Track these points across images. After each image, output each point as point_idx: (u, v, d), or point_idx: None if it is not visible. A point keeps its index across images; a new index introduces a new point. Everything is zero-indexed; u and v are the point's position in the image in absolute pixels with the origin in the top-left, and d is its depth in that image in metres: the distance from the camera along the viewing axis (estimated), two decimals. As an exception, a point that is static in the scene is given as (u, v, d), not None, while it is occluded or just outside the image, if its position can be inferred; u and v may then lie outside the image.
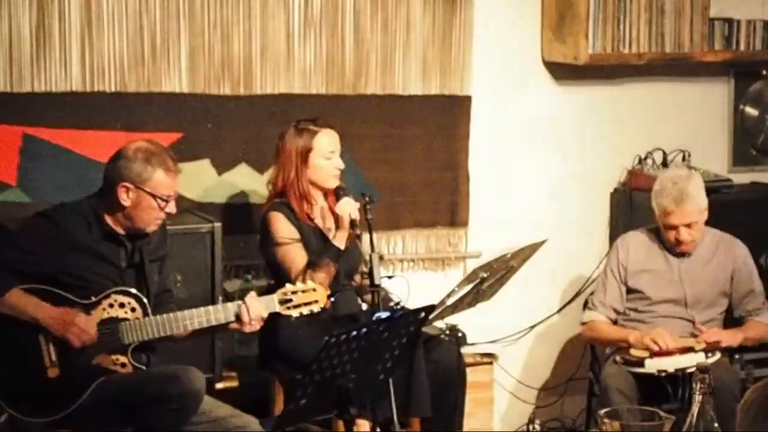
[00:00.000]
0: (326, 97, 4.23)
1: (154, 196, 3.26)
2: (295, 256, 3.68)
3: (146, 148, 3.31)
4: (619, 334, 4.01)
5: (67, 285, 3.23)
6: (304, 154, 3.74)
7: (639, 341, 3.89)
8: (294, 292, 3.28)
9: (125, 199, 3.27)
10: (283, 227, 3.70)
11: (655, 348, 3.82)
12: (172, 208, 3.30)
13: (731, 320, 4.14)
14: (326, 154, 3.75)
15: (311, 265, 3.63)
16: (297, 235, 3.71)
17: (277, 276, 3.72)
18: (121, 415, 3.22)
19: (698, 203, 3.97)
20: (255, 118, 4.16)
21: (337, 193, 3.72)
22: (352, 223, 3.63)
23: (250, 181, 4.18)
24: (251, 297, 3.28)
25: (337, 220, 3.68)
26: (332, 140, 3.77)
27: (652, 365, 3.78)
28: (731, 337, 3.98)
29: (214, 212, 4.05)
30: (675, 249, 4.03)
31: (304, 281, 3.52)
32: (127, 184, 3.27)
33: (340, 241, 3.66)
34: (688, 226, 3.96)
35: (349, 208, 3.65)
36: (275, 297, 3.27)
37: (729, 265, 4.09)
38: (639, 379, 3.82)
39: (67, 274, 3.24)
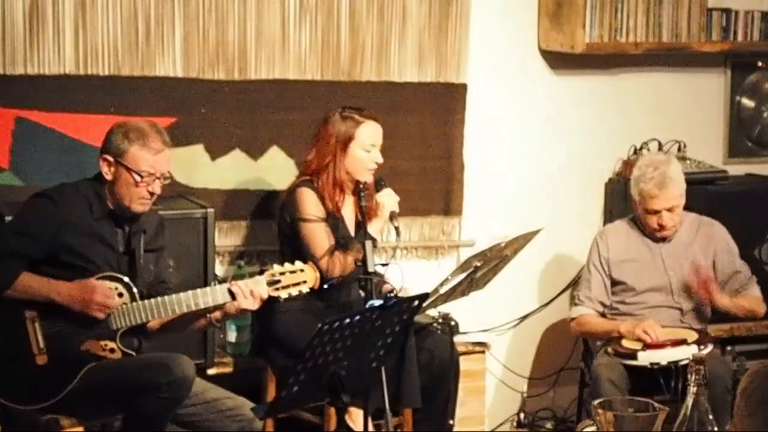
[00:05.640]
0: (321, 83, 4.21)
1: (129, 171, 3.24)
2: (321, 235, 3.70)
3: (131, 124, 3.32)
4: (610, 326, 4.02)
5: (68, 264, 3.23)
6: (345, 143, 3.74)
7: (630, 332, 3.88)
8: (282, 273, 3.26)
9: (107, 172, 3.28)
10: (311, 204, 3.72)
11: (647, 339, 3.81)
12: (156, 187, 3.27)
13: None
14: (366, 146, 3.75)
15: (341, 247, 3.64)
16: (323, 215, 3.73)
17: (294, 250, 3.67)
18: (110, 402, 3.21)
19: (679, 187, 3.98)
20: (249, 103, 4.14)
21: (378, 184, 3.73)
22: (391, 215, 3.65)
23: (243, 167, 4.16)
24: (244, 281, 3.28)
25: (375, 209, 3.69)
26: (375, 132, 3.77)
27: (644, 358, 3.77)
28: (721, 297, 3.97)
29: (207, 198, 4.04)
30: (655, 234, 4.03)
31: (327, 263, 3.57)
32: (107, 157, 3.28)
33: (375, 229, 3.67)
34: (670, 210, 3.97)
35: (390, 199, 3.69)
36: (263, 279, 3.26)
37: (710, 248, 4.09)
38: (630, 370, 3.81)
39: (67, 252, 3.24)
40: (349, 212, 3.81)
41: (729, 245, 4.11)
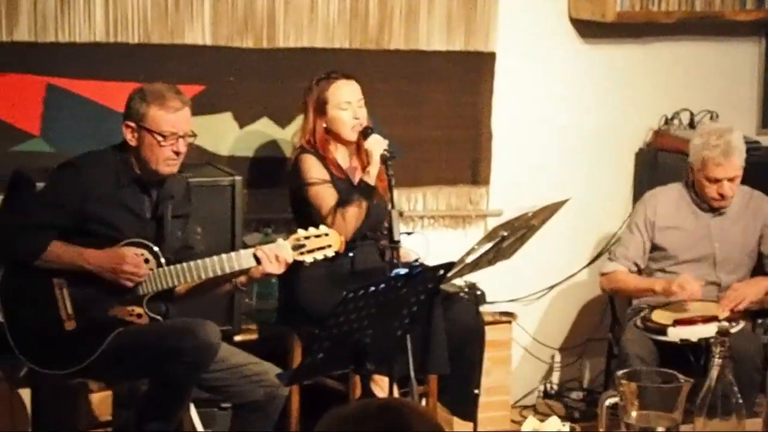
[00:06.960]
0: (349, 52, 4.19)
1: (152, 133, 3.25)
2: (326, 195, 3.70)
3: (148, 87, 3.33)
4: (644, 284, 3.98)
5: (95, 233, 3.25)
6: (321, 106, 3.76)
7: (666, 289, 3.83)
8: (307, 238, 3.27)
9: (131, 138, 3.30)
10: (314, 168, 3.73)
11: (683, 294, 3.77)
12: (181, 146, 3.28)
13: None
14: (341, 105, 3.74)
15: (341, 204, 3.65)
16: (327, 177, 3.73)
17: (305, 216, 3.69)
18: (137, 366, 3.25)
19: (742, 156, 3.94)
20: (277, 71, 4.13)
21: (365, 132, 3.71)
22: (384, 159, 3.60)
23: (271, 135, 4.17)
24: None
25: (367, 157, 3.67)
26: (347, 90, 3.76)
27: (674, 334, 3.73)
28: (754, 290, 3.91)
29: (235, 165, 4.05)
30: (713, 204, 3.98)
31: (334, 220, 3.55)
32: (129, 123, 3.30)
33: (370, 177, 3.65)
34: (731, 179, 3.92)
35: (378, 144, 3.65)
36: (288, 243, 3.26)
37: (759, 222, 4.05)
38: (659, 346, 3.78)
39: (94, 221, 3.26)
40: (351, 174, 3.79)
41: None
